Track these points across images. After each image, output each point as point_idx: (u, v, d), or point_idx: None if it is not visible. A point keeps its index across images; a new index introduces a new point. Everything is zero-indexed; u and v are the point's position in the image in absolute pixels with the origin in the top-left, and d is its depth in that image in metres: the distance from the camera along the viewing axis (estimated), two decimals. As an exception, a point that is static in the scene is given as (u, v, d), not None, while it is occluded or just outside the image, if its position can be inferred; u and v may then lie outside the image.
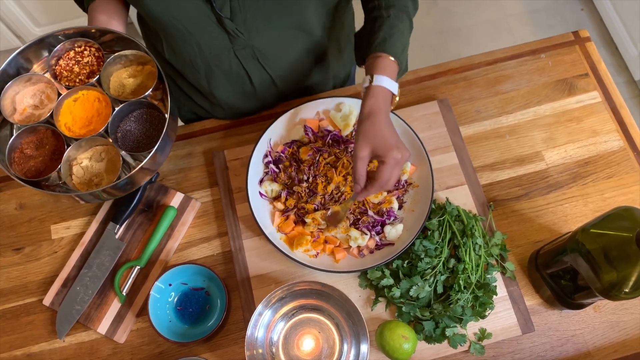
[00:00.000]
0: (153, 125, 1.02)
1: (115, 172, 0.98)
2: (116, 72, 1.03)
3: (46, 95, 1.01)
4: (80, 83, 1.01)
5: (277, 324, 0.99)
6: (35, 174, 0.98)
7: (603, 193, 1.13)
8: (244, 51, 1.02)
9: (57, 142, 0.99)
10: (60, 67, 1.01)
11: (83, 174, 0.98)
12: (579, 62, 1.25)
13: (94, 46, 1.02)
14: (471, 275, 1.00)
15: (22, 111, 1.00)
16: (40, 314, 1.07)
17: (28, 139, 0.99)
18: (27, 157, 0.98)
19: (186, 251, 1.11)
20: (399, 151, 0.90)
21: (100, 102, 1.00)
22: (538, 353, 1.03)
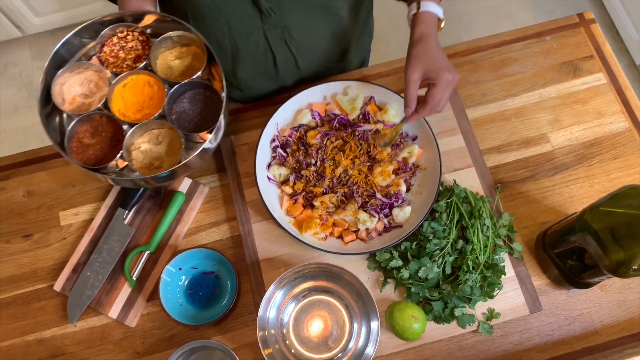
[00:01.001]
0: (207, 105, 1.01)
1: (174, 153, 0.98)
2: (161, 54, 1.02)
3: (94, 83, 1.00)
4: (127, 68, 1.00)
5: (288, 305, 1.00)
6: (95, 162, 0.97)
7: (609, 174, 1.14)
8: (274, 31, 1.03)
9: (113, 129, 0.98)
10: (105, 54, 1.00)
11: (143, 158, 0.98)
12: (584, 44, 1.25)
13: (136, 30, 1.01)
14: (479, 255, 1.00)
15: (71, 101, 0.99)
16: (51, 300, 1.08)
17: (83, 127, 0.98)
18: (86, 146, 0.97)
19: (195, 236, 1.11)
20: (450, 73, 0.92)
21: (151, 85, 0.99)
22: (545, 332, 1.04)
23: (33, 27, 2.38)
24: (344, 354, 0.97)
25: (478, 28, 2.58)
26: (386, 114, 1.11)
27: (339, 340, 0.99)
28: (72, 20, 2.42)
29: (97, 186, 1.15)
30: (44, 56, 2.50)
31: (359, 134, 1.09)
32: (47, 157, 1.18)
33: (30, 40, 2.53)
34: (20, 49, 2.52)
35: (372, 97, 1.13)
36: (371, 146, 1.08)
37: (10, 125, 2.41)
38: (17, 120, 2.42)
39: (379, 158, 1.07)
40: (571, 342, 1.03)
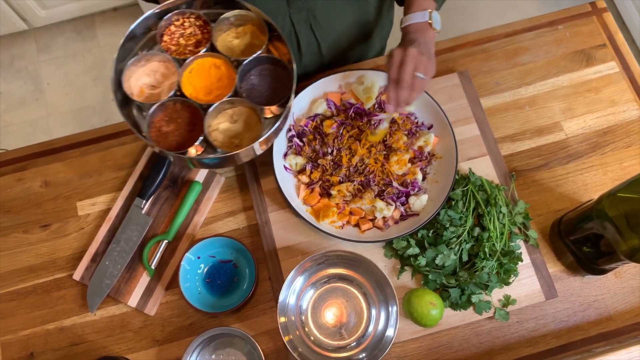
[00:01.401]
0: (274, 78, 1.01)
1: (252, 128, 0.99)
2: (220, 37, 1.02)
3: (160, 73, 1.00)
4: (190, 54, 1.00)
5: (307, 292, 1.01)
6: (177, 147, 0.97)
7: (622, 162, 1.15)
8: (299, 15, 1.04)
9: (188, 114, 0.98)
10: (165, 43, 1.00)
11: (222, 138, 0.99)
12: (597, 33, 1.25)
13: (192, 16, 1.01)
14: (496, 243, 1.01)
15: (139, 93, 0.99)
16: (71, 289, 1.09)
17: (159, 117, 0.98)
18: (165, 134, 0.98)
19: (212, 225, 1.12)
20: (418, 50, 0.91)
21: (218, 67, 0.99)
22: (561, 318, 1.05)
23: (39, 19, 2.37)
24: (364, 338, 0.99)
25: (482, 19, 2.58)
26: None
27: (357, 326, 1.00)
28: (78, 13, 2.42)
29: (113, 176, 1.16)
30: (51, 49, 2.50)
31: (374, 122, 1.09)
32: (63, 147, 1.19)
33: (36, 33, 2.53)
34: (26, 42, 2.52)
35: (388, 86, 1.13)
36: (387, 135, 1.08)
37: (18, 119, 2.42)
38: (24, 114, 2.42)
39: (395, 147, 1.08)
40: (586, 328, 1.05)
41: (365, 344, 0.98)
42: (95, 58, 2.51)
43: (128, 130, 1.20)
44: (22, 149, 1.19)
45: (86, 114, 2.43)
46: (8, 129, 2.40)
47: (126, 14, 2.56)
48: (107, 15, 2.56)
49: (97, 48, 2.53)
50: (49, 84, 2.47)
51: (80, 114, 2.43)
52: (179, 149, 0.96)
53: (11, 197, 1.15)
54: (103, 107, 2.44)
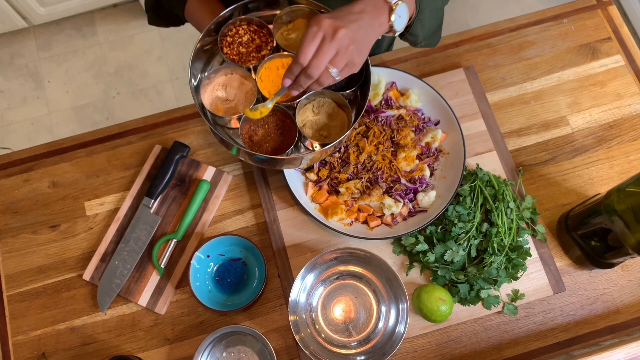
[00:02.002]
0: None
1: (336, 117, 1.00)
2: (277, 36, 1.01)
3: (231, 86, 1.00)
4: (255, 59, 0.99)
5: (316, 289, 1.02)
6: (273, 153, 0.97)
7: (628, 155, 1.15)
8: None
9: (273, 118, 0.99)
10: (227, 55, 0.99)
11: (312, 133, 1.00)
12: (602, 26, 1.25)
13: (243, 23, 1.00)
14: (504, 238, 1.02)
15: (216, 110, 0.99)
16: (81, 289, 1.09)
17: (245, 128, 0.98)
18: (258, 143, 0.98)
19: (221, 223, 1.13)
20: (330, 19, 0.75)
21: (285, 66, 0.98)
22: (568, 312, 1.06)
23: (39, 17, 2.36)
24: (374, 334, 0.99)
25: (483, 11, 2.57)
26: (408, 99, 1.11)
27: (367, 323, 1.01)
28: (78, 10, 2.42)
29: (121, 176, 1.16)
30: (51, 47, 2.49)
31: (381, 119, 1.09)
32: (69, 147, 1.19)
33: (36, 31, 2.52)
34: (26, 40, 2.51)
35: (394, 82, 1.13)
36: (394, 132, 1.08)
37: (19, 117, 2.41)
38: (26, 112, 2.42)
39: (403, 143, 1.08)
40: (594, 321, 1.05)
41: (376, 340, 0.99)
42: (95, 55, 2.50)
43: (134, 130, 1.20)
44: (29, 149, 1.19)
45: (88, 111, 2.43)
46: (10, 127, 2.40)
47: (125, 10, 2.55)
48: (106, 12, 2.55)
49: (98, 45, 2.52)
50: (49, 81, 2.47)
51: (81, 111, 2.43)
52: (278, 153, 0.97)
53: (19, 198, 1.15)
54: (104, 104, 2.43)
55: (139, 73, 2.48)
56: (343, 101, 0.99)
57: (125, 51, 2.52)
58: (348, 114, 0.99)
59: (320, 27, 0.76)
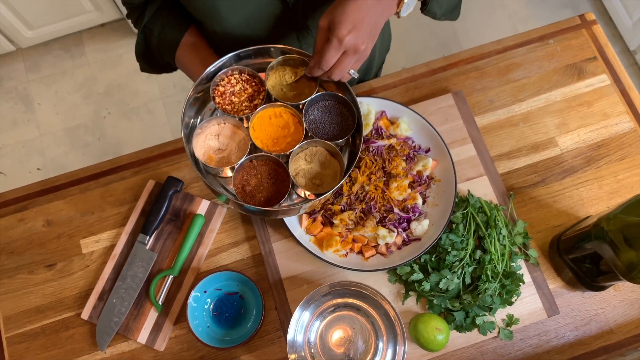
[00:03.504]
0: (334, 113, 1.02)
1: (329, 166, 1.01)
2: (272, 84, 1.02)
3: (224, 135, 1.01)
4: (247, 109, 1.00)
5: (314, 323, 1.03)
6: (267, 203, 0.98)
7: (617, 175, 1.17)
8: (311, 49, 1.05)
9: (266, 168, 0.99)
10: (219, 104, 1.00)
11: (305, 181, 1.00)
12: (587, 46, 1.27)
13: (234, 74, 1.01)
14: (498, 265, 1.03)
15: (208, 160, 0.99)
16: (79, 328, 1.10)
17: (238, 178, 0.98)
18: (251, 193, 0.98)
19: (216, 257, 1.13)
20: (350, 33, 0.79)
21: (278, 115, 1.00)
22: (563, 334, 1.07)
23: (26, 40, 2.36)
24: (373, 368, 1.01)
25: (472, 19, 2.59)
26: (398, 128, 1.13)
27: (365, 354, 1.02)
28: (65, 31, 2.41)
29: (115, 212, 1.17)
30: (40, 68, 2.49)
31: (373, 149, 1.10)
32: (63, 185, 1.19)
33: (24, 53, 2.51)
34: (14, 62, 2.50)
35: (384, 111, 1.14)
36: (386, 161, 1.10)
37: (10, 140, 2.41)
38: (17, 135, 2.42)
39: (395, 173, 1.09)
40: (588, 342, 1.07)
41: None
42: (85, 75, 2.50)
43: (127, 165, 1.20)
44: (22, 188, 1.19)
45: (79, 132, 2.42)
46: (1, 151, 2.39)
47: (113, 29, 2.55)
48: (94, 32, 2.54)
49: (87, 65, 2.52)
50: (39, 103, 2.46)
51: (73, 132, 2.42)
52: (272, 204, 0.97)
53: (14, 238, 1.15)
54: (96, 125, 2.43)
55: (130, 92, 2.48)
56: (335, 150, 1.00)
57: (115, 70, 2.51)
58: (340, 163, 1.00)
59: (341, 42, 0.80)
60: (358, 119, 1.00)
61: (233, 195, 0.99)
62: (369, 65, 1.28)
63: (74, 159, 2.37)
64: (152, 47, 1.08)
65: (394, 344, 0.99)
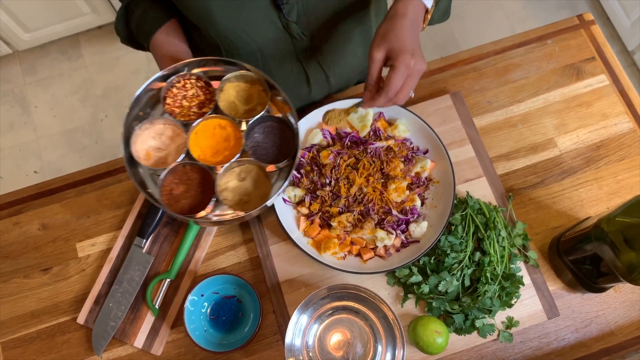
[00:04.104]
0: (278, 135, 1.03)
1: (260, 186, 1.01)
2: (223, 96, 1.03)
3: (166, 136, 1.01)
4: (194, 115, 1.01)
5: (312, 326, 1.02)
6: (189, 210, 0.98)
7: (616, 175, 1.16)
8: (306, 53, 1.05)
9: (198, 176, 0.99)
10: (169, 105, 1.00)
11: (232, 196, 1.00)
12: (585, 46, 1.26)
13: (192, 78, 1.02)
14: (497, 266, 1.02)
15: (146, 156, 0.99)
16: (75, 332, 1.09)
17: (169, 180, 0.98)
18: (176, 197, 0.98)
19: (214, 260, 1.12)
20: (412, 58, 0.84)
21: (223, 127, 1.01)
22: (563, 336, 1.06)
23: (23, 42, 2.35)
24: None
25: (469, 19, 2.58)
26: (396, 130, 1.12)
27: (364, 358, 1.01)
28: (62, 34, 2.40)
29: (111, 215, 1.16)
30: (36, 71, 2.48)
31: (371, 151, 1.09)
32: (58, 188, 1.18)
33: (20, 56, 2.50)
34: (10, 65, 2.49)
35: (382, 113, 1.13)
36: (384, 163, 1.09)
37: (7, 143, 2.40)
38: (13, 138, 2.40)
39: (393, 174, 1.08)
40: (589, 344, 1.06)
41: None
42: (82, 78, 2.49)
43: (123, 168, 1.19)
44: (17, 191, 1.18)
45: (76, 135, 2.41)
46: (-2, 154, 2.38)
47: (110, 32, 2.54)
48: (91, 34, 2.53)
49: (84, 67, 2.51)
50: (36, 106, 2.45)
51: (70, 135, 2.41)
52: (192, 211, 0.97)
53: (9, 241, 1.14)
54: (93, 128, 2.42)
55: (127, 94, 2.47)
56: (266, 173, 1.00)
57: (112, 73, 2.51)
58: (269, 187, 1.00)
59: (408, 68, 0.85)
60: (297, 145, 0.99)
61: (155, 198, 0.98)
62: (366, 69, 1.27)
63: (71, 161, 2.36)
64: (130, 26, 1.07)
65: (392, 347, 0.98)
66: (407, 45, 0.85)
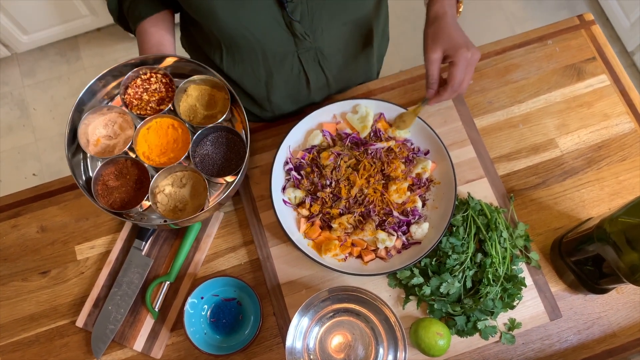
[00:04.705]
0: (229, 147, 1.03)
1: (198, 196, 1.00)
2: (185, 98, 1.03)
3: (118, 125, 1.01)
4: (151, 111, 1.01)
5: (312, 329, 1.01)
6: (121, 205, 0.98)
7: (618, 176, 1.16)
8: (307, 54, 1.05)
9: (138, 171, 0.99)
10: (129, 96, 1.00)
11: (167, 201, 0.99)
12: (586, 46, 1.26)
13: (159, 72, 1.02)
14: (499, 268, 1.02)
15: (95, 142, 0.99)
16: (74, 336, 1.08)
17: (108, 170, 0.98)
18: (111, 189, 0.98)
19: (213, 262, 1.12)
20: (468, 50, 0.92)
21: (175, 128, 1.00)
22: (566, 337, 1.06)
23: (22, 45, 2.34)
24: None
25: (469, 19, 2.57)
26: (397, 130, 1.11)
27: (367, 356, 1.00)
28: (61, 36, 2.39)
29: (110, 218, 1.15)
30: (35, 73, 2.47)
31: (371, 152, 1.09)
32: (57, 190, 1.17)
33: (19, 58, 2.49)
34: (9, 68, 2.49)
35: (382, 113, 1.13)
36: (385, 164, 1.08)
37: (6, 146, 2.39)
38: (12, 140, 2.40)
39: (394, 176, 1.07)
40: (591, 346, 1.06)
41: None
42: (80, 80, 2.48)
43: (122, 169, 1.18)
44: (16, 194, 1.17)
45: (75, 137, 2.40)
46: (-3, 156, 2.37)
47: (109, 34, 2.53)
48: (90, 36, 2.53)
49: (82, 70, 2.50)
50: (35, 109, 2.44)
51: (68, 137, 2.40)
52: (123, 207, 0.98)
53: (7, 244, 1.13)
54: (92, 130, 2.41)
55: (126, 96, 2.46)
56: (206, 185, 0.99)
57: (111, 75, 2.49)
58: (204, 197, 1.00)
59: (467, 60, 0.92)
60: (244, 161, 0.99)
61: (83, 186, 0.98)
62: (370, 69, 1.26)
63: (70, 164, 2.35)
64: (122, 8, 1.06)
65: (394, 350, 0.98)
66: (460, 41, 0.93)
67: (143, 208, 1.00)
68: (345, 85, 1.21)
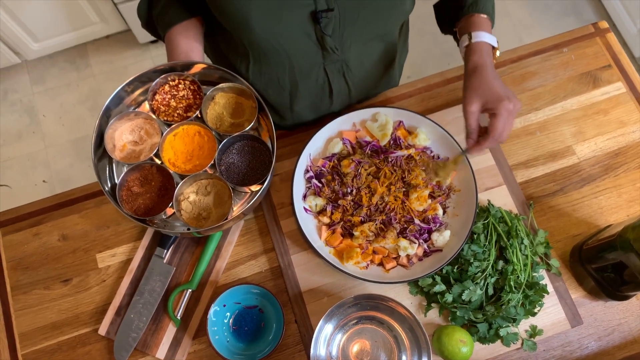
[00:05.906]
0: (255, 157, 1.03)
1: (222, 205, 1.00)
2: (212, 106, 1.04)
3: (145, 130, 1.01)
4: (178, 117, 1.01)
5: (335, 337, 1.01)
6: (145, 211, 0.98)
7: (635, 183, 1.16)
8: (333, 66, 1.06)
9: (163, 178, 0.99)
10: (157, 102, 1.01)
11: (192, 209, 0.99)
12: (601, 54, 1.27)
13: (187, 79, 1.02)
14: (520, 275, 1.02)
15: (121, 148, 1.00)
16: (96, 344, 1.08)
17: (133, 176, 0.99)
18: (135, 195, 0.98)
19: (234, 270, 1.12)
20: (509, 101, 0.93)
21: (202, 135, 1.01)
22: (586, 344, 1.06)
23: (32, 52, 2.35)
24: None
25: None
26: (417, 138, 1.12)
27: (388, 366, 1.01)
28: (71, 43, 2.40)
29: (131, 226, 1.15)
30: (45, 80, 2.48)
31: (392, 160, 1.10)
32: (78, 199, 1.18)
33: (29, 65, 2.50)
34: (19, 75, 2.49)
35: (401, 121, 1.14)
36: (405, 172, 1.09)
37: (15, 153, 2.39)
38: (22, 147, 2.40)
39: (414, 183, 1.08)
40: (612, 353, 1.06)
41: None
42: (90, 87, 2.49)
43: (142, 178, 1.19)
44: (36, 202, 1.18)
45: (84, 143, 2.41)
46: (7, 163, 2.38)
47: (118, 41, 2.54)
48: (99, 44, 2.54)
49: (92, 77, 2.51)
50: (44, 115, 2.45)
51: (78, 144, 2.41)
52: (146, 214, 0.98)
53: (29, 253, 1.14)
54: (101, 137, 2.41)
55: (135, 103, 2.47)
56: (231, 193, 0.99)
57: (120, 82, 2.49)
58: (229, 206, 1.00)
59: (509, 112, 0.93)
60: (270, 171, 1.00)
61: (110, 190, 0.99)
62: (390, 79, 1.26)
63: (80, 171, 2.36)
64: (153, 14, 1.07)
65: (418, 358, 0.98)
66: (501, 93, 0.94)
67: (167, 215, 1.01)
68: (365, 95, 1.22)
